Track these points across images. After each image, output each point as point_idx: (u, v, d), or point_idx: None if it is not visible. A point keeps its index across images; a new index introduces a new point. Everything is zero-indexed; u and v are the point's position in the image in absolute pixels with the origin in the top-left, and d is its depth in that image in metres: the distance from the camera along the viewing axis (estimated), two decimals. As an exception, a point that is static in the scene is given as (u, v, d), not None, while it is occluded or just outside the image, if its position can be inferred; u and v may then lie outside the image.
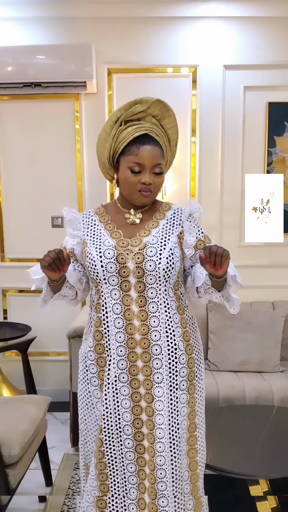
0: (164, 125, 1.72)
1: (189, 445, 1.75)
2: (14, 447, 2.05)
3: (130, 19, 3.40)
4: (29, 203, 3.63)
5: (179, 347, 1.70)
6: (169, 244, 1.66)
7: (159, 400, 1.67)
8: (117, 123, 1.68)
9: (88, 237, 1.73)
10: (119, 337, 1.67)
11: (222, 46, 3.44)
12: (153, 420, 1.67)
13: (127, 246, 1.66)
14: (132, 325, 1.66)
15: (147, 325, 1.66)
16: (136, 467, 1.71)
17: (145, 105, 1.66)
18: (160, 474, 1.67)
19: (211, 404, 2.80)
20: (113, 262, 1.64)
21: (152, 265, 1.63)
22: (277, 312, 3.30)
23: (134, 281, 1.65)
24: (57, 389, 3.56)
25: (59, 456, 2.90)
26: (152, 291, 1.65)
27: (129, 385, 1.68)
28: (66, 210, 1.78)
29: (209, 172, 3.57)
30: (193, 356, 1.74)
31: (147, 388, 1.67)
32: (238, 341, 3.18)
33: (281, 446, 2.27)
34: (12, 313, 3.73)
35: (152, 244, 1.65)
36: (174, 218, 1.73)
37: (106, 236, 1.70)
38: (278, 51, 3.43)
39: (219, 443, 2.30)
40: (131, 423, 1.69)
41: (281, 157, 3.54)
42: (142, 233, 1.69)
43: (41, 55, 3.32)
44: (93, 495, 1.74)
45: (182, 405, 1.71)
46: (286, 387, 2.91)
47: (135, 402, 1.68)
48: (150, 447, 1.68)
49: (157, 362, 1.67)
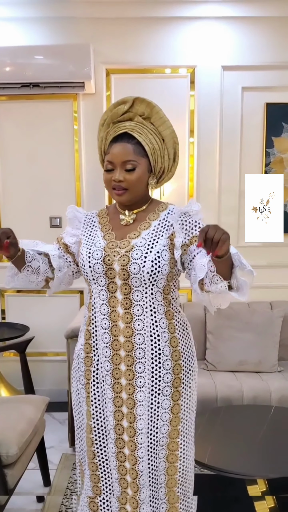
0: (153, 122, 1.69)
1: (169, 450, 1.71)
2: (12, 447, 2.05)
3: (128, 20, 3.40)
4: (27, 204, 3.63)
5: (163, 352, 1.66)
6: (156, 247, 1.62)
7: (141, 404, 1.65)
8: (104, 125, 1.69)
9: (84, 237, 1.73)
10: (105, 338, 1.66)
11: (220, 46, 3.44)
12: (134, 427, 1.65)
13: (115, 247, 1.65)
14: (117, 326, 1.65)
15: (131, 328, 1.64)
16: (118, 475, 1.68)
17: (127, 104, 1.66)
18: (142, 481, 1.65)
19: (209, 404, 2.80)
20: (100, 263, 1.63)
21: (136, 268, 1.60)
22: (275, 312, 3.30)
23: (120, 283, 1.63)
24: (55, 389, 3.55)
25: (57, 456, 2.90)
26: (137, 294, 1.63)
27: (112, 389, 1.67)
28: (71, 208, 1.80)
29: (207, 173, 3.57)
30: (180, 363, 1.69)
31: (129, 393, 1.65)
32: (236, 341, 3.19)
33: (279, 446, 2.28)
34: (10, 313, 3.73)
35: (139, 247, 1.63)
36: (166, 219, 1.69)
37: (99, 237, 1.70)
38: (276, 52, 3.44)
39: (217, 443, 2.30)
40: (113, 428, 1.67)
41: (279, 157, 3.55)
42: (132, 234, 1.67)
43: (39, 55, 3.32)
44: (87, 496, 1.74)
45: (163, 410, 1.67)
46: (284, 387, 2.91)
47: (117, 407, 1.66)
48: (130, 455, 1.65)
49: (140, 366, 1.64)
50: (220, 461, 2.11)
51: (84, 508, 1.75)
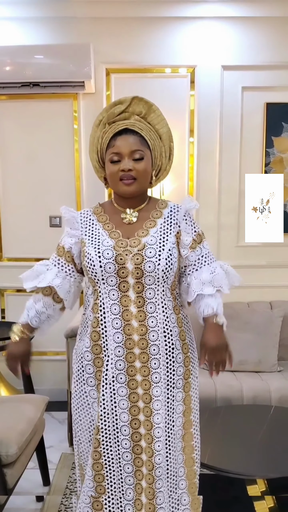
0: (150, 121, 1.71)
1: (185, 442, 1.76)
2: (12, 447, 2.05)
3: (128, 19, 3.40)
4: (27, 203, 3.63)
5: (176, 346, 1.70)
6: (167, 245, 1.66)
7: (157, 399, 1.67)
8: (100, 125, 1.71)
9: (86, 236, 1.72)
10: (117, 338, 1.67)
11: (220, 46, 3.44)
12: (151, 420, 1.67)
13: (126, 246, 1.65)
14: (131, 325, 1.66)
15: (145, 326, 1.66)
16: (133, 467, 1.70)
17: (125, 104, 1.68)
18: (158, 473, 1.67)
19: (209, 403, 2.80)
20: (112, 262, 1.64)
21: (151, 266, 1.63)
22: (275, 312, 3.30)
23: (132, 282, 1.64)
24: (55, 389, 3.55)
25: (56, 455, 2.90)
26: (150, 292, 1.65)
27: (126, 386, 1.68)
28: (64, 209, 1.78)
29: (207, 173, 3.57)
30: (189, 355, 1.75)
31: (145, 388, 1.67)
32: (236, 341, 3.17)
33: (278, 446, 2.28)
34: (10, 312, 3.73)
35: (151, 245, 1.65)
36: (171, 217, 1.72)
37: (105, 236, 1.69)
38: (276, 51, 3.43)
39: (216, 442, 2.30)
40: (128, 424, 1.69)
41: (279, 157, 3.55)
42: (140, 232, 1.68)
43: (39, 54, 3.31)
44: (89, 496, 1.74)
45: (177, 403, 1.72)
46: (284, 387, 2.91)
47: (133, 403, 1.68)
48: (147, 447, 1.68)
49: (155, 362, 1.67)
50: (220, 461, 2.11)
51: (85, 509, 1.75)
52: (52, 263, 1.79)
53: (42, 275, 1.76)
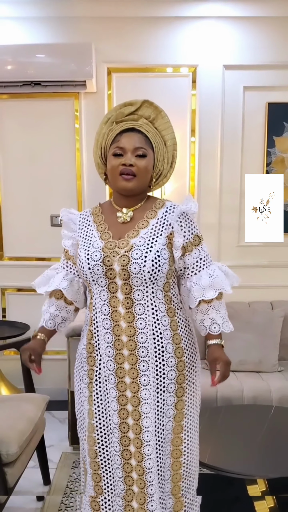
0: (157, 126, 1.73)
1: (173, 446, 1.73)
2: (12, 446, 2.05)
3: (130, 19, 3.40)
4: (28, 202, 3.63)
5: (167, 349, 1.67)
6: (156, 246, 1.63)
7: (146, 402, 1.65)
8: (107, 123, 1.72)
9: (81, 238, 1.73)
10: (107, 338, 1.67)
11: (222, 46, 3.44)
12: (139, 424, 1.65)
13: (114, 248, 1.64)
14: (119, 326, 1.65)
15: (134, 327, 1.64)
16: (123, 473, 1.68)
17: (135, 106, 1.70)
18: (149, 478, 1.65)
19: (209, 403, 2.80)
20: (99, 264, 1.63)
21: (137, 268, 1.60)
22: (276, 312, 3.30)
23: (120, 283, 1.63)
24: (56, 388, 3.55)
25: (57, 454, 2.90)
26: (138, 293, 1.63)
27: (116, 388, 1.67)
28: (64, 211, 1.80)
29: (208, 172, 3.57)
30: (184, 359, 1.71)
31: (133, 391, 1.66)
32: (237, 341, 3.18)
33: (279, 446, 2.28)
34: (11, 311, 3.73)
35: (138, 246, 1.63)
36: (165, 217, 1.69)
37: (96, 238, 1.69)
38: (278, 51, 3.43)
39: (217, 442, 2.30)
40: (117, 427, 1.68)
41: (280, 157, 3.54)
42: (130, 233, 1.67)
43: (41, 54, 3.31)
44: (89, 495, 1.75)
45: (168, 407, 1.69)
46: (284, 387, 2.91)
47: (122, 405, 1.67)
48: (136, 452, 1.66)
49: (144, 364, 1.65)
50: (220, 461, 2.11)
51: (86, 507, 1.76)
52: (61, 265, 1.82)
53: (51, 279, 1.80)
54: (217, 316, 1.72)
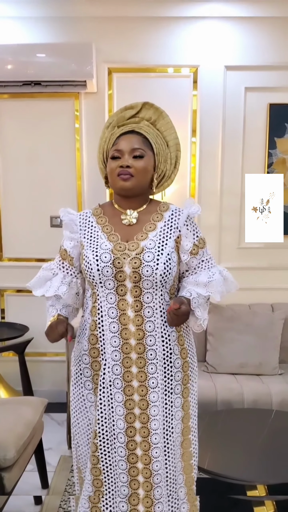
0: (159, 128, 1.73)
1: (183, 449, 1.73)
2: (10, 450, 2.03)
3: (131, 19, 3.38)
4: (28, 203, 3.61)
5: (174, 351, 1.68)
6: (166, 249, 1.64)
7: (155, 405, 1.65)
8: (109, 127, 1.73)
9: (85, 239, 1.70)
10: (114, 342, 1.65)
11: (223, 46, 3.41)
12: (148, 427, 1.65)
13: (124, 250, 1.63)
14: (128, 330, 1.64)
15: (143, 330, 1.64)
16: (128, 477, 1.67)
17: (135, 109, 1.70)
18: (156, 480, 1.65)
19: (209, 407, 2.78)
20: (109, 266, 1.62)
21: (149, 271, 1.60)
22: (276, 314, 3.28)
23: (130, 286, 1.62)
24: (54, 390, 3.53)
25: (55, 458, 2.88)
26: (148, 296, 1.63)
27: (122, 392, 1.65)
28: (63, 211, 1.78)
29: (209, 173, 3.55)
30: (188, 360, 1.73)
31: (141, 394, 1.65)
32: (237, 343, 3.16)
33: (279, 451, 2.25)
34: (10, 313, 3.71)
35: (149, 249, 1.62)
36: (172, 220, 1.70)
37: (104, 239, 1.67)
38: (279, 52, 3.41)
39: (216, 447, 2.28)
40: (124, 431, 1.66)
41: (281, 158, 3.52)
42: (139, 236, 1.66)
43: (41, 53, 3.29)
44: (88, 501, 1.72)
45: (176, 409, 1.69)
46: (285, 390, 2.89)
47: (129, 410, 1.65)
48: (144, 455, 1.65)
49: (152, 367, 1.65)
50: (220, 466, 2.09)
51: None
52: (57, 267, 1.78)
53: (48, 282, 1.75)
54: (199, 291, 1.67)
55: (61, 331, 1.63)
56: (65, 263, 1.76)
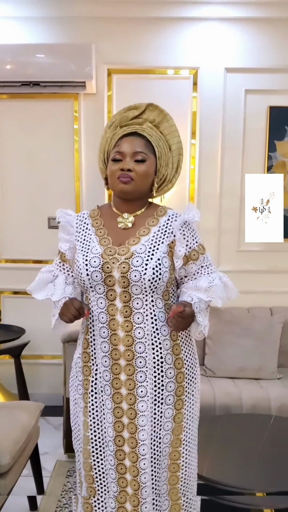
0: (162, 130, 1.69)
1: (171, 460, 1.68)
2: (5, 457, 1.99)
3: (131, 20, 3.35)
4: (26, 203, 3.58)
5: (166, 360, 1.62)
6: (157, 254, 1.59)
7: (143, 415, 1.61)
8: (111, 127, 1.69)
9: (79, 242, 1.67)
10: (104, 347, 1.62)
11: (224, 48, 3.39)
12: (136, 438, 1.60)
13: (114, 254, 1.59)
14: (117, 335, 1.60)
15: (132, 336, 1.59)
16: (117, 487, 1.63)
17: (139, 110, 1.67)
18: (144, 493, 1.61)
19: (208, 411, 2.75)
20: (98, 271, 1.58)
21: (137, 276, 1.55)
22: (275, 318, 3.26)
23: (119, 291, 1.58)
24: (51, 393, 3.50)
25: (51, 463, 2.84)
26: (137, 302, 1.58)
27: (111, 399, 1.62)
28: (60, 212, 1.73)
29: (209, 176, 3.52)
30: (183, 371, 1.66)
31: (129, 403, 1.61)
32: (236, 347, 3.13)
33: (279, 458, 2.23)
34: (6, 314, 3.68)
35: (139, 254, 1.58)
36: (167, 225, 1.65)
37: (95, 243, 1.64)
38: (280, 54, 3.39)
39: (215, 454, 2.25)
40: (113, 440, 1.63)
41: (281, 161, 3.50)
42: (131, 240, 1.62)
43: (40, 54, 3.26)
44: (85, 508, 1.70)
45: (166, 419, 1.64)
46: (284, 395, 2.86)
47: (117, 418, 1.62)
48: (132, 466, 1.61)
49: (141, 375, 1.60)
50: (218, 474, 2.06)
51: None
52: (57, 268, 1.74)
53: (50, 284, 1.71)
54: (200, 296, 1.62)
55: (77, 305, 1.56)
56: (66, 264, 1.73)
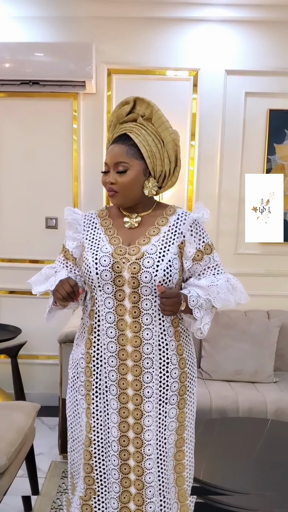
0: (154, 123, 1.64)
1: (176, 460, 1.69)
2: (1, 458, 1.98)
3: (131, 19, 3.34)
4: (23, 203, 3.56)
5: (171, 361, 1.63)
6: (168, 255, 1.58)
7: (149, 415, 1.61)
8: (111, 126, 1.68)
9: (87, 240, 1.66)
10: (111, 347, 1.61)
11: (224, 50, 3.39)
12: (141, 438, 1.60)
13: (125, 254, 1.59)
14: (125, 336, 1.60)
15: (140, 337, 1.59)
16: (120, 488, 1.63)
17: (129, 105, 1.65)
18: (149, 493, 1.60)
19: (204, 414, 2.74)
20: (108, 270, 1.58)
21: (148, 277, 1.55)
22: (272, 321, 3.26)
23: (128, 291, 1.58)
24: (46, 393, 3.49)
25: (46, 463, 2.83)
26: (146, 303, 1.58)
27: (117, 399, 1.62)
28: (68, 210, 1.72)
29: (207, 177, 3.52)
30: (186, 370, 1.68)
31: (136, 403, 1.61)
32: (232, 350, 3.13)
33: (275, 463, 2.22)
34: (2, 314, 3.66)
35: (150, 254, 1.58)
36: (176, 225, 1.64)
37: (105, 242, 1.63)
38: (281, 57, 3.39)
39: (211, 458, 2.24)
40: (117, 440, 1.62)
41: (280, 164, 3.50)
42: (141, 240, 1.62)
43: (40, 52, 3.25)
44: (84, 510, 1.68)
45: (170, 419, 1.65)
46: (280, 399, 2.86)
47: (123, 418, 1.62)
48: (136, 466, 1.61)
49: (148, 376, 1.61)
50: (214, 477, 2.05)
51: None
52: (60, 265, 1.73)
53: (52, 278, 1.69)
54: (200, 293, 1.61)
55: (72, 282, 1.54)
56: (69, 262, 1.72)
